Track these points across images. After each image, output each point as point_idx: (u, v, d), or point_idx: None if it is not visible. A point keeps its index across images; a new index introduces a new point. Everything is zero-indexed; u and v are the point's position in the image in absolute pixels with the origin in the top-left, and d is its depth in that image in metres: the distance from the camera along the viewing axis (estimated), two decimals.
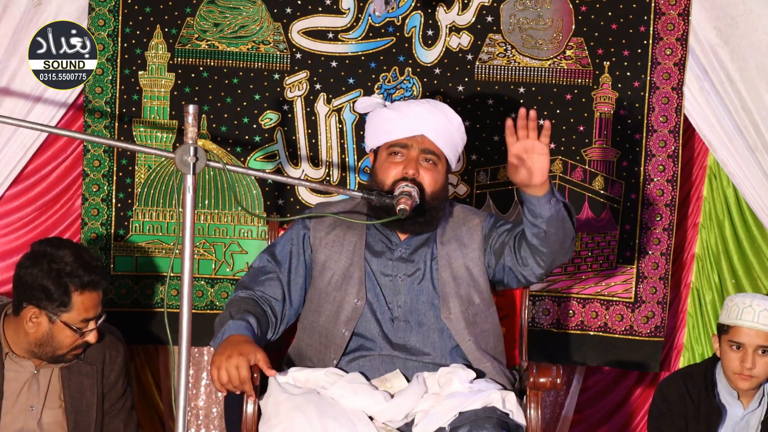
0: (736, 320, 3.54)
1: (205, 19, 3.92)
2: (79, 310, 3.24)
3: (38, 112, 3.88)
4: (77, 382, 3.37)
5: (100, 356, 3.39)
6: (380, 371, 3.12)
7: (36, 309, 3.23)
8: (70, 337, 3.26)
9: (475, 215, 3.31)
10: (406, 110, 3.23)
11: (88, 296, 3.25)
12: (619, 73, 3.95)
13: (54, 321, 3.23)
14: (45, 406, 3.35)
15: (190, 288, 2.60)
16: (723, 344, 3.58)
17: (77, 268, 3.22)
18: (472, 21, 3.94)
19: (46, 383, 3.35)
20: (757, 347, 3.52)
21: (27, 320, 3.24)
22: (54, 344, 3.26)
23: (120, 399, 3.46)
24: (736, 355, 3.54)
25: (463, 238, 3.24)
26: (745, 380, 3.54)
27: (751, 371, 3.52)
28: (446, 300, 3.17)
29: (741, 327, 3.53)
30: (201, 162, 2.62)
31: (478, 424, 2.88)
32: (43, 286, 3.21)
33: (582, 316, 4.02)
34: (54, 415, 3.36)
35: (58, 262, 3.22)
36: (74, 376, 3.37)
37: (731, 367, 3.55)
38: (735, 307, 3.56)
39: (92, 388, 3.38)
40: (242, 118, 3.94)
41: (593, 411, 4.22)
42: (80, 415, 3.36)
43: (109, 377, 3.42)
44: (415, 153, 3.19)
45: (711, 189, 4.12)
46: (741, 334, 3.53)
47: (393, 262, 3.22)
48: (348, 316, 3.16)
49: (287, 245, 3.30)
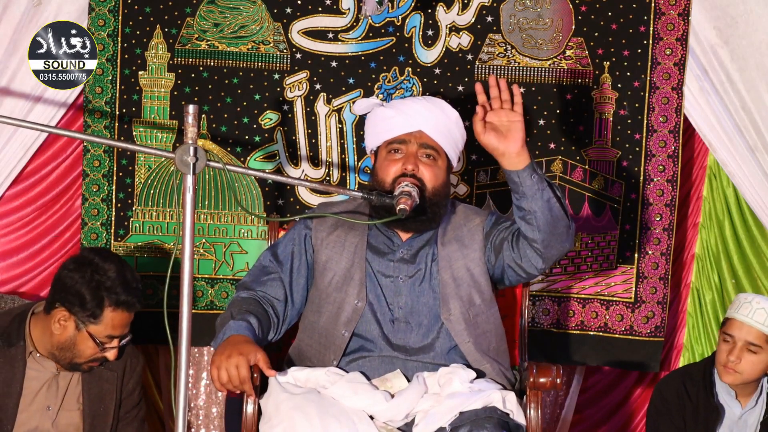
0: (734, 313, 3.56)
1: (205, 19, 3.92)
2: (107, 325, 3.27)
3: (38, 112, 3.88)
4: (98, 386, 3.40)
5: (121, 363, 3.43)
6: (380, 372, 3.12)
7: (66, 312, 3.26)
8: (92, 349, 3.29)
9: (476, 215, 3.31)
10: (403, 107, 3.23)
11: (119, 315, 3.28)
12: (619, 73, 3.95)
13: (80, 329, 3.26)
14: (62, 408, 3.37)
15: (190, 288, 2.60)
16: (719, 336, 3.61)
17: (117, 285, 3.26)
18: (472, 21, 3.94)
19: (65, 385, 3.37)
20: (747, 343, 3.53)
21: (55, 321, 3.27)
22: (75, 351, 3.28)
23: (135, 407, 3.50)
24: (726, 347, 3.56)
25: (464, 239, 3.24)
26: (729, 374, 3.55)
27: (735, 365, 3.53)
28: (446, 301, 3.17)
29: (735, 320, 3.56)
30: (201, 162, 2.62)
31: (478, 424, 2.88)
32: (79, 293, 3.24)
33: (582, 316, 4.02)
34: (70, 417, 3.38)
35: (101, 274, 3.26)
36: (95, 380, 3.40)
37: (720, 358, 3.58)
38: (737, 302, 3.59)
39: (111, 394, 3.42)
40: (242, 118, 3.94)
41: (593, 411, 4.22)
42: (97, 419, 3.40)
43: (128, 385, 3.46)
44: (413, 148, 3.19)
45: (711, 189, 4.12)
46: (733, 327, 3.55)
47: (394, 263, 3.22)
48: (348, 317, 3.16)
49: (289, 245, 3.30)
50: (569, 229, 3.09)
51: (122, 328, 3.31)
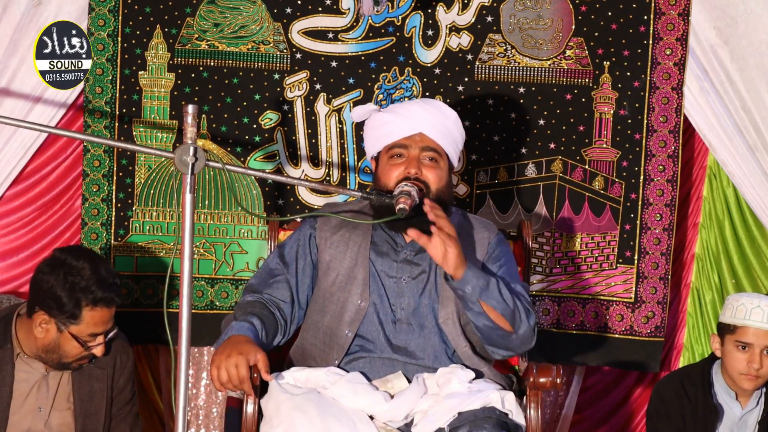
0: (745, 320, 3.52)
1: (205, 19, 3.92)
2: (88, 324, 3.24)
3: (38, 112, 3.88)
4: (87, 385, 3.38)
5: (111, 361, 3.40)
6: (380, 373, 3.11)
7: (46, 315, 3.23)
8: (77, 348, 3.27)
9: (485, 229, 3.29)
10: (401, 110, 3.22)
11: (98, 312, 3.24)
12: (619, 73, 3.95)
13: (62, 331, 3.23)
14: (53, 408, 3.35)
15: (190, 288, 2.60)
16: (727, 344, 3.56)
17: (92, 284, 3.22)
18: (472, 21, 3.94)
19: (55, 385, 3.35)
20: (765, 348, 3.52)
21: (37, 324, 3.24)
22: (60, 352, 3.26)
23: (128, 404, 3.48)
24: (743, 356, 3.53)
25: (468, 247, 3.21)
26: (751, 380, 3.53)
27: (758, 371, 3.52)
28: (445, 304, 3.16)
29: (749, 327, 3.51)
30: (200, 162, 2.62)
31: (477, 424, 2.88)
32: (55, 296, 3.21)
33: (582, 316, 4.02)
34: (62, 417, 3.36)
35: (74, 275, 3.21)
36: (85, 379, 3.37)
37: (737, 367, 3.54)
38: (742, 308, 3.54)
39: (102, 392, 3.39)
40: (242, 118, 3.94)
41: (593, 411, 4.22)
42: (89, 418, 3.37)
43: (119, 381, 3.44)
44: (415, 152, 3.18)
45: (711, 189, 4.12)
46: (749, 335, 3.52)
47: (398, 263, 3.22)
48: (351, 316, 3.16)
49: (294, 246, 3.29)
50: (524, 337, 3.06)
51: (104, 324, 3.27)
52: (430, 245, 2.97)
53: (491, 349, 3.10)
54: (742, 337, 3.52)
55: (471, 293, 2.98)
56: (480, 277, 2.99)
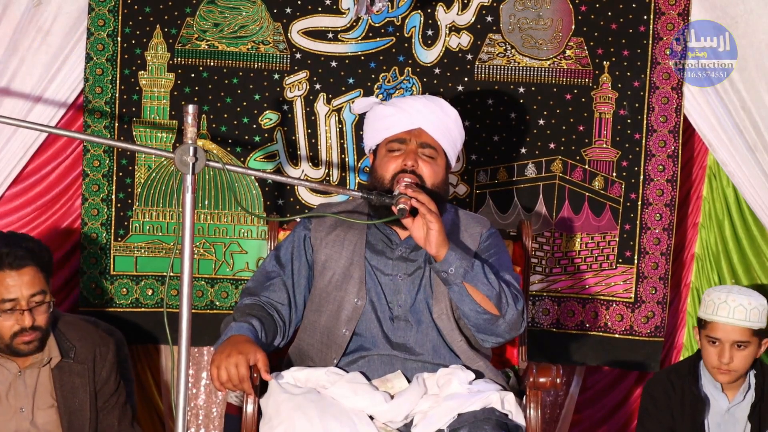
0: (713, 316, 3.56)
1: (205, 19, 3.92)
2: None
3: (38, 112, 3.88)
4: (69, 381, 3.33)
5: (90, 354, 3.36)
6: (380, 372, 3.11)
7: None
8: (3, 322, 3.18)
9: (477, 223, 3.31)
10: (403, 105, 3.24)
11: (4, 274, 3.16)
12: (619, 73, 3.95)
13: None
14: (35, 407, 3.30)
15: (190, 288, 2.60)
16: (702, 339, 3.62)
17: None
18: (472, 21, 3.94)
19: (33, 383, 3.30)
20: (734, 342, 3.54)
21: None
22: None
23: (113, 395, 3.42)
24: (714, 350, 3.57)
25: (460, 243, 3.23)
26: (724, 374, 3.58)
27: (728, 366, 3.55)
28: (438, 300, 3.17)
29: (717, 323, 3.56)
30: (200, 162, 2.62)
31: (477, 425, 2.88)
32: None
33: (582, 316, 4.02)
34: (47, 415, 3.31)
35: None
36: (65, 375, 3.33)
37: (710, 361, 3.58)
38: (711, 303, 3.58)
39: (84, 387, 3.34)
40: (242, 118, 3.94)
41: (593, 411, 4.22)
42: (74, 414, 3.33)
43: (101, 374, 3.38)
44: (413, 146, 3.19)
45: (711, 189, 4.12)
46: (717, 330, 3.56)
47: (393, 261, 3.22)
48: (348, 315, 3.16)
49: (289, 247, 3.30)
50: (508, 324, 3.08)
51: (18, 288, 3.16)
52: (414, 226, 3.02)
53: (480, 337, 3.12)
54: (712, 332, 3.57)
55: (454, 275, 3.01)
56: (464, 259, 3.02)
